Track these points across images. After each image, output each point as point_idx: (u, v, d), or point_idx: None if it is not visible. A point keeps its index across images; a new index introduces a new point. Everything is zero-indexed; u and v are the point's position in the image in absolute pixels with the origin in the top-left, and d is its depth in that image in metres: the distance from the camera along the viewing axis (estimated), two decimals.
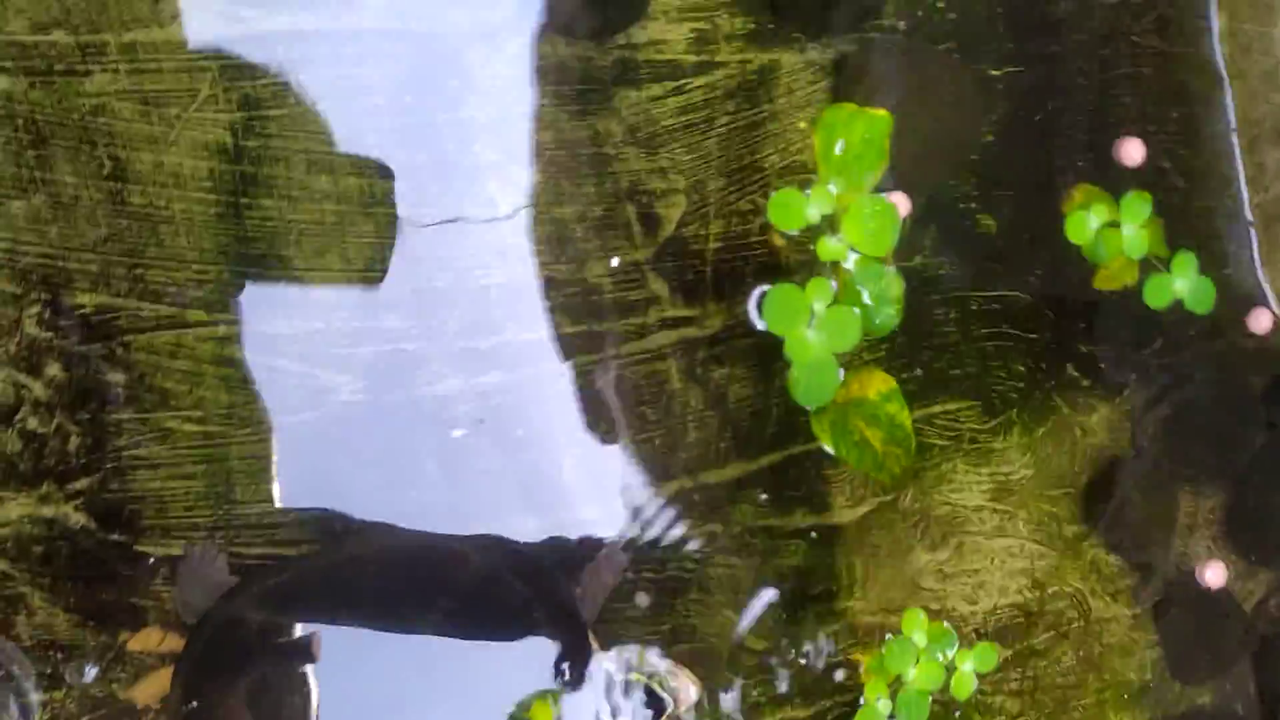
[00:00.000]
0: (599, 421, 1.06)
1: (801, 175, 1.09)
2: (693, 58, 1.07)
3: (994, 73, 1.13)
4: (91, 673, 0.95)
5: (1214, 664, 1.19)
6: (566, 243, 1.05)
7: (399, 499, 1.02)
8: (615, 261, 1.04)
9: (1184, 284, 1.11)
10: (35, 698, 0.94)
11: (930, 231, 1.12)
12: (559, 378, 1.05)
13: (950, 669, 1.08)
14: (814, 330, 0.97)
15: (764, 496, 1.10)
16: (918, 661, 1.06)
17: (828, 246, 1.00)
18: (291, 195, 0.99)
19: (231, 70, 0.97)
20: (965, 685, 1.08)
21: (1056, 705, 1.17)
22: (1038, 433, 1.17)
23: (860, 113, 0.99)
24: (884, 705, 1.07)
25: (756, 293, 1.05)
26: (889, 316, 1.00)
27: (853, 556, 1.13)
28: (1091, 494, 1.17)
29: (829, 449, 0.99)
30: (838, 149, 0.98)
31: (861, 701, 1.08)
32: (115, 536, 0.96)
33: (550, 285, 1.05)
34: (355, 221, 1.00)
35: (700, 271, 1.08)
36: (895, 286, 1.01)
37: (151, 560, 0.97)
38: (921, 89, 1.12)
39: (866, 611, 1.13)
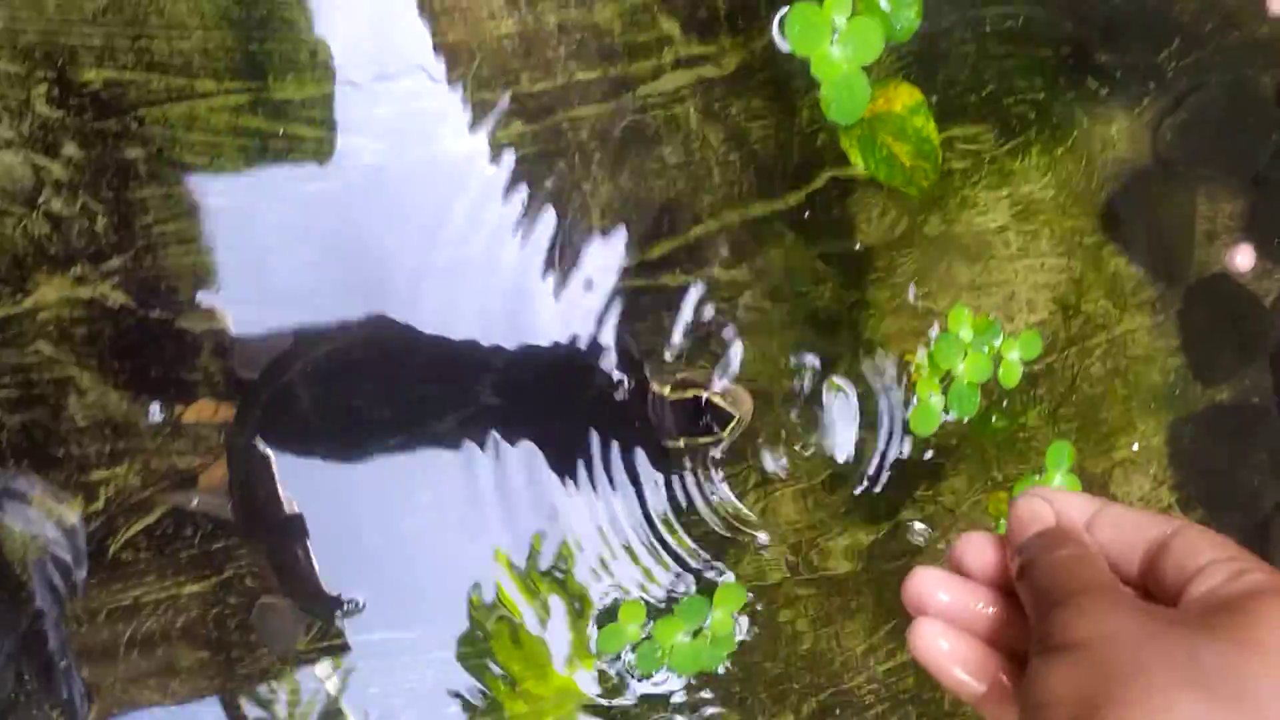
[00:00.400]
0: (619, 168, 1.05)
1: None
2: None
3: None
4: (151, 445, 0.96)
5: (1234, 362, 1.21)
6: None
7: (430, 258, 1.02)
8: (563, 35, 1.01)
9: None
10: (75, 521, 0.95)
11: None
12: (577, 126, 1.03)
13: (997, 359, 1.09)
14: (838, 46, 0.94)
15: (791, 234, 1.10)
16: (965, 355, 1.08)
17: None
18: None
19: None
20: (1013, 374, 1.10)
21: (1084, 415, 1.19)
22: (1057, 151, 1.16)
23: None
24: (937, 401, 1.09)
25: (777, 16, 1.02)
26: (909, 20, 0.97)
27: (879, 286, 1.13)
28: (1112, 207, 1.17)
29: (858, 164, 0.98)
30: None
31: (914, 400, 1.10)
32: (156, 314, 0.96)
33: (561, 31, 1.02)
34: None
35: (712, 6, 1.05)
36: None
37: (195, 335, 0.96)
38: None
39: (897, 337, 1.14)
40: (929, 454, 1.14)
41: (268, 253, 0.98)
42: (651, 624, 1.04)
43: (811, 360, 1.12)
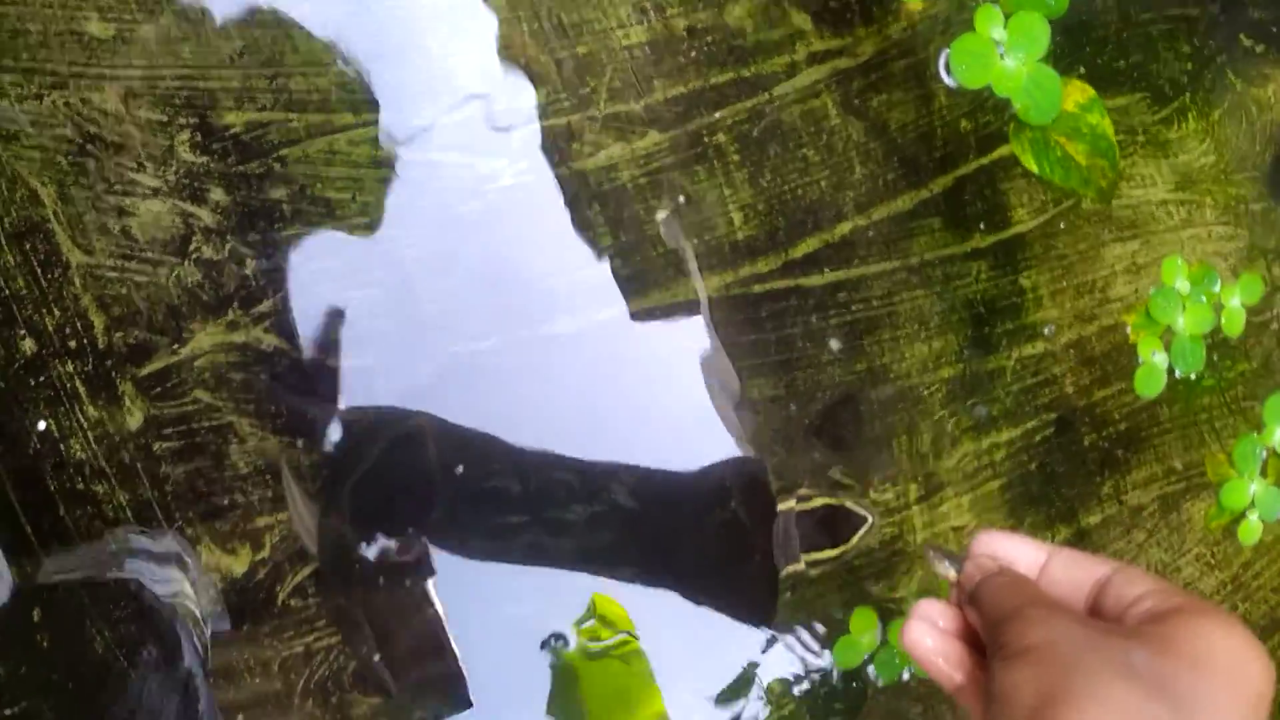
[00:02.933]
0: (759, 170, 0.98)
1: None
2: None
3: None
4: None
5: None
6: None
7: (574, 278, 0.96)
8: (705, 26, 0.95)
9: None
10: (197, 576, 0.90)
11: None
12: (714, 129, 0.97)
13: (1218, 307, 1.00)
14: (1009, 56, 0.87)
15: (939, 222, 1.02)
16: (1184, 307, 0.99)
17: None
18: None
19: None
20: (1236, 321, 1.01)
21: (1258, 384, 1.09)
22: (1213, 115, 1.06)
23: None
24: (1160, 359, 1.00)
25: (941, 60, 0.95)
26: None
27: (1038, 269, 1.04)
28: (1278, 169, 1.07)
29: (1032, 169, 0.90)
30: None
31: (1139, 361, 1.01)
32: (308, 354, 0.91)
33: (692, 36, 0.96)
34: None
35: None
36: None
37: (346, 372, 0.92)
38: None
39: (1061, 324, 1.05)
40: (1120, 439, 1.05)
41: (415, 282, 0.93)
42: (885, 629, 0.96)
43: (971, 352, 1.03)
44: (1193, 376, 1.02)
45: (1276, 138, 1.07)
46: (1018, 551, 0.56)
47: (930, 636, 0.55)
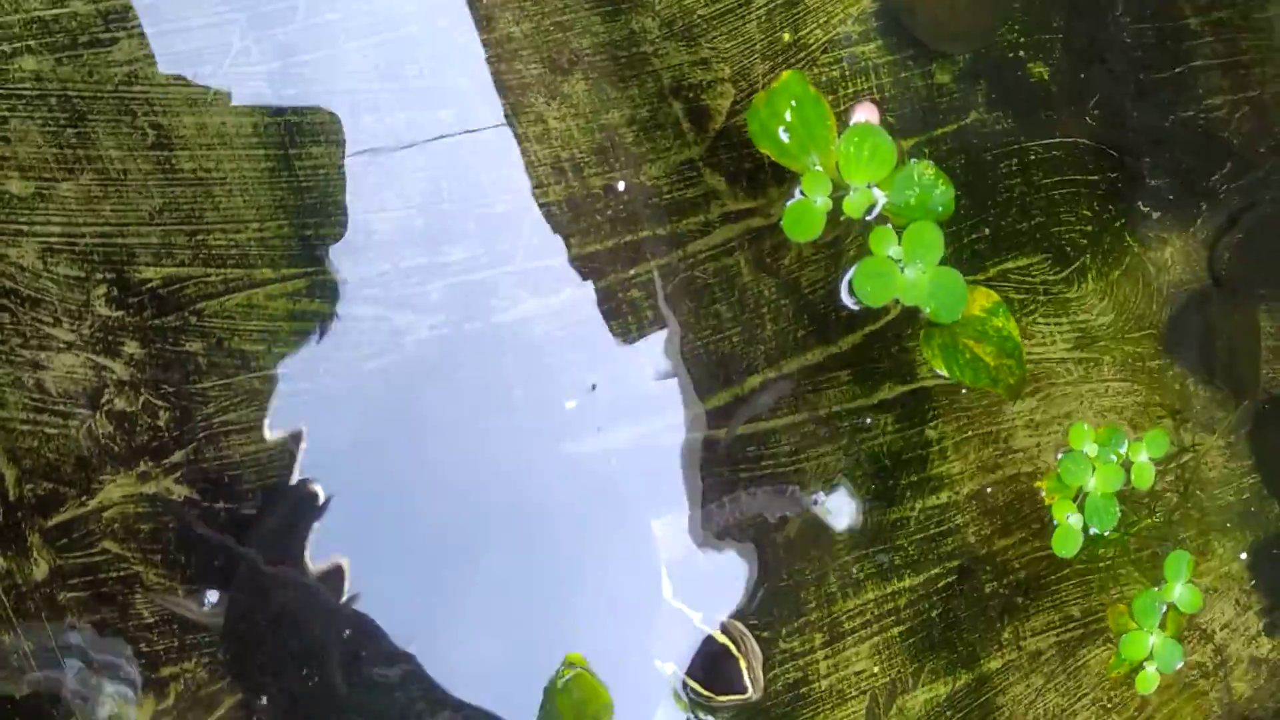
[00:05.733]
0: (674, 325, 0.97)
1: (846, 49, 0.98)
2: None
3: None
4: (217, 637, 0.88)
5: None
6: (618, 149, 0.95)
7: (486, 426, 0.94)
8: (621, 185, 0.94)
9: None
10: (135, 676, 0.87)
11: (981, 87, 1.01)
12: (628, 285, 0.96)
13: (1126, 465, 1.00)
14: (909, 269, 0.87)
15: (848, 376, 1.01)
16: (1094, 468, 0.99)
17: (851, 202, 0.91)
18: (339, 139, 0.89)
19: (259, 18, 0.87)
20: (1145, 475, 1.01)
21: (1159, 539, 1.08)
22: (1112, 275, 1.06)
23: (773, 95, 0.90)
24: (1075, 520, 0.99)
25: (843, 284, 0.95)
26: (943, 193, 0.90)
27: (943, 421, 1.04)
28: (1174, 329, 1.07)
29: (942, 372, 0.90)
30: (783, 137, 0.89)
31: (1055, 523, 1.01)
32: (220, 504, 0.89)
33: (609, 194, 0.95)
34: (408, 156, 0.91)
35: (757, 158, 0.97)
36: (924, 168, 0.90)
37: (258, 523, 0.89)
38: None
39: (964, 475, 1.04)
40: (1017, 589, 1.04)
41: (328, 434, 0.91)
42: None
43: (875, 504, 1.02)
44: (1106, 533, 1.02)
45: (1173, 298, 1.07)
46: None
47: None
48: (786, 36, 0.98)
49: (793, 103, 0.88)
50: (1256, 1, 1.03)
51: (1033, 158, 1.04)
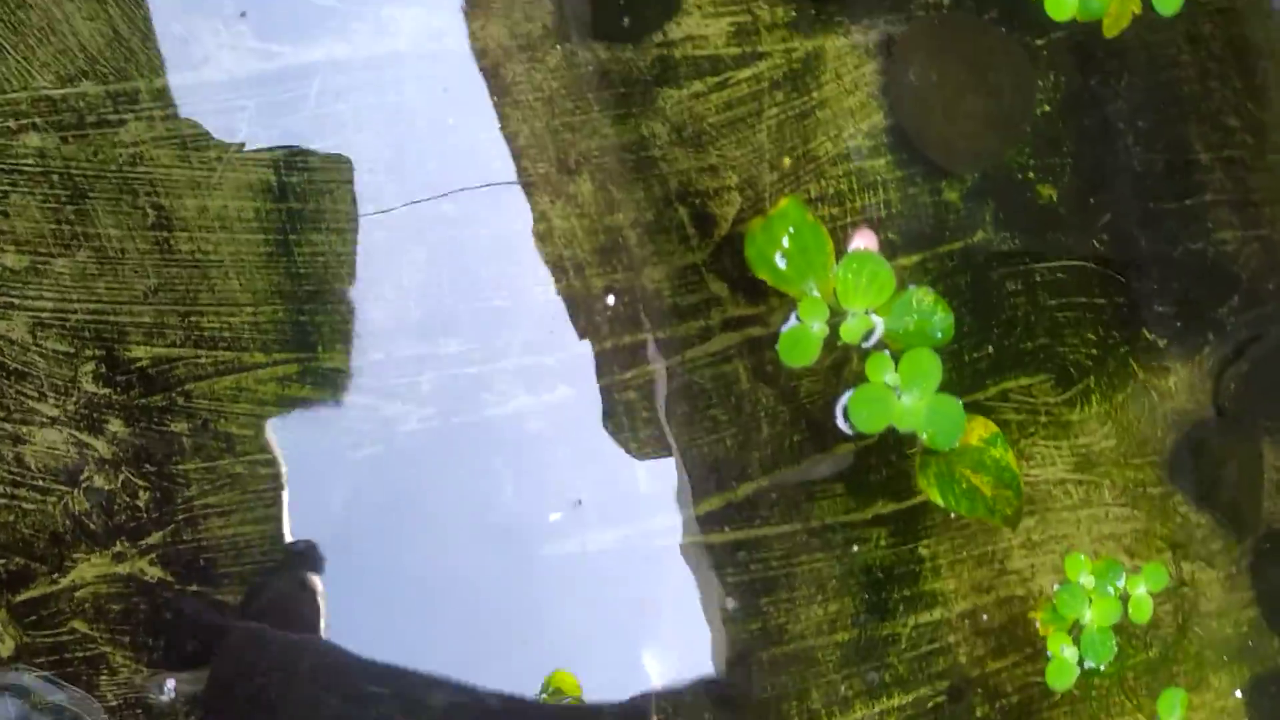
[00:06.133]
0: (670, 429, 0.95)
1: (855, 163, 0.98)
2: (734, 50, 0.95)
3: (1039, 41, 1.01)
4: None
5: None
6: (621, 251, 0.94)
7: (473, 522, 0.92)
8: (623, 286, 0.93)
9: None
10: None
11: (989, 206, 1.00)
12: (625, 388, 0.94)
13: (1124, 598, 0.97)
14: (906, 395, 0.86)
15: (842, 488, 0.99)
16: (1091, 601, 0.96)
17: (848, 328, 0.90)
18: (340, 227, 0.89)
19: (269, 107, 0.87)
20: (1144, 609, 0.98)
21: (1155, 671, 1.05)
22: (1116, 399, 1.05)
23: (771, 222, 0.89)
24: (1070, 653, 0.97)
25: (838, 409, 0.94)
26: (942, 319, 0.89)
27: (938, 538, 1.01)
28: (1177, 457, 1.05)
29: (938, 502, 0.88)
30: (780, 263, 0.88)
31: (1049, 655, 0.98)
32: (193, 587, 0.87)
33: (609, 294, 0.94)
34: (408, 248, 0.90)
35: None
36: (923, 294, 0.89)
37: (232, 609, 0.87)
38: (969, 62, 1.00)
39: (957, 594, 1.01)
40: None
41: (311, 522, 0.89)
42: None
43: (867, 618, 1.00)
44: (1102, 667, 0.99)
45: (1176, 426, 1.05)
46: None
47: None
48: (797, 148, 0.97)
49: (790, 229, 0.88)
50: (1267, 143, 1.02)
51: (1039, 279, 1.02)
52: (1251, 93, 1.02)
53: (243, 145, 0.87)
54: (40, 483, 0.84)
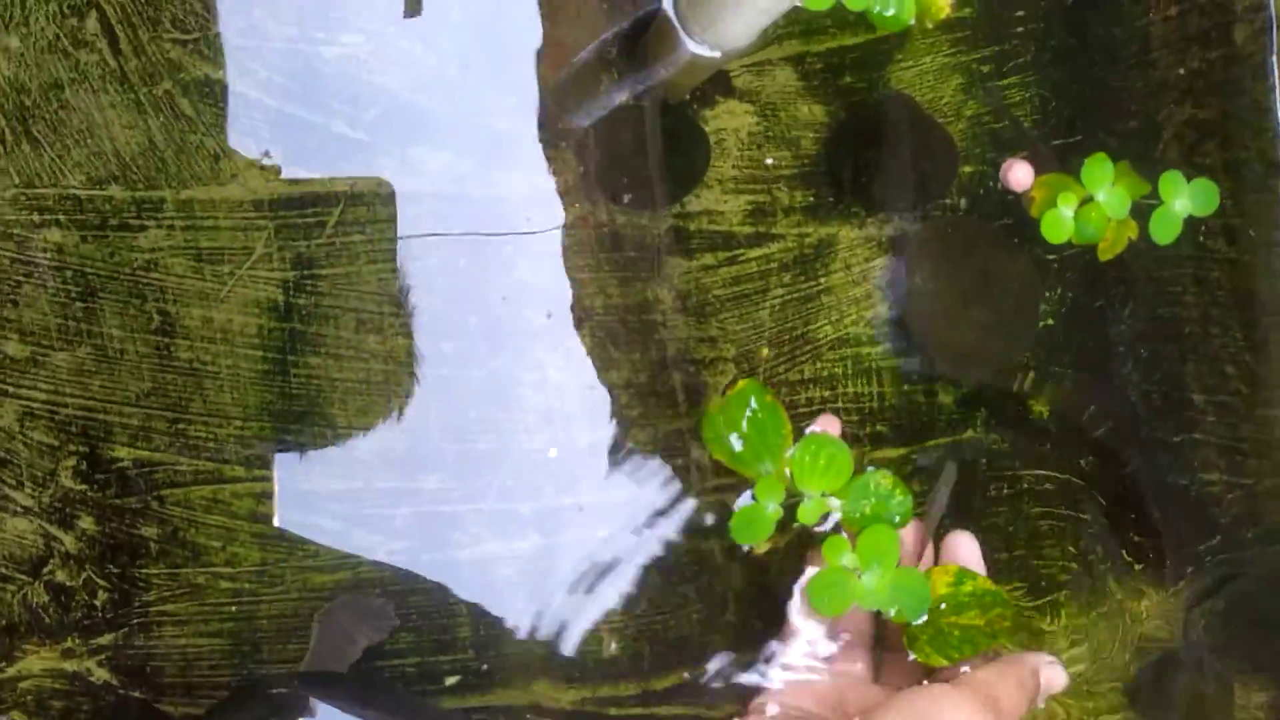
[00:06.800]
0: (637, 595, 0.94)
1: (853, 348, 0.98)
2: (749, 229, 0.97)
3: (1050, 255, 1.02)
4: None
5: None
6: (610, 410, 0.94)
7: (428, 666, 0.91)
8: (606, 445, 0.93)
9: (1183, 203, 0.96)
10: None
11: (981, 414, 1.00)
12: (597, 546, 0.94)
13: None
14: (866, 575, 0.85)
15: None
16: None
17: (805, 509, 0.89)
18: (339, 353, 0.90)
19: (287, 229, 0.89)
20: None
21: None
22: (1090, 616, 1.03)
23: (729, 403, 0.90)
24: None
25: (796, 591, 0.93)
26: (900, 503, 0.88)
27: None
28: (1141, 685, 1.03)
29: (944, 664, 0.86)
30: (736, 445, 0.89)
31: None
32: (137, 694, 0.86)
33: (592, 452, 0.94)
34: (401, 381, 0.91)
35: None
36: (880, 478, 0.89)
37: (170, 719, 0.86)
38: (978, 268, 1.01)
39: None
40: None
41: (265, 643, 0.88)
42: None
43: None
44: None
45: (1144, 653, 1.03)
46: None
47: None
48: (797, 328, 0.98)
49: (749, 411, 0.88)
50: (1260, 397, 1.02)
51: (1024, 485, 1.02)
52: (1251, 346, 1.02)
53: (256, 263, 0.88)
54: (3, 570, 0.83)
